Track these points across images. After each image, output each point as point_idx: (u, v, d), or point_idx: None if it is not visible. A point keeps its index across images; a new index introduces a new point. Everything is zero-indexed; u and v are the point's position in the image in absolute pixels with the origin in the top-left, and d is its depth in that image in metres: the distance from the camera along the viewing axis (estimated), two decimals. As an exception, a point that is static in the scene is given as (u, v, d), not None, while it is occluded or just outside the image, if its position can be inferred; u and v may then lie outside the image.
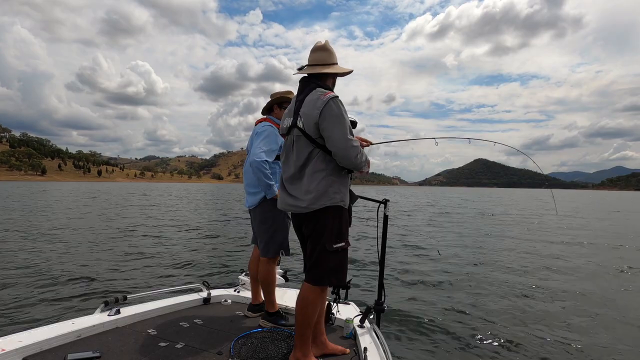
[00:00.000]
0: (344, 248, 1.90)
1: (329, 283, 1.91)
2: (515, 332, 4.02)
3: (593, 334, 4.06)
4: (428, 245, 9.85)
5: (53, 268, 6.32)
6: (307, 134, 1.86)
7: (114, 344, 2.09)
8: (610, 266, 7.53)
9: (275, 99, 2.66)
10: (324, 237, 1.86)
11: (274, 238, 2.51)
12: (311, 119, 1.83)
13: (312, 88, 1.91)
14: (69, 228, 11.83)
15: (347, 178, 1.96)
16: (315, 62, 1.97)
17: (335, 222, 1.87)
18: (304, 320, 1.89)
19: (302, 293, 1.92)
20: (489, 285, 5.90)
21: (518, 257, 8.48)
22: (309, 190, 1.85)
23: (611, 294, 5.60)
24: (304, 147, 1.89)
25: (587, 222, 17.60)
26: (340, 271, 1.90)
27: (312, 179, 1.86)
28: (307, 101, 1.88)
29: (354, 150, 1.81)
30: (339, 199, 1.87)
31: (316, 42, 2.04)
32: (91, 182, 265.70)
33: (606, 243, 10.73)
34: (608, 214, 23.89)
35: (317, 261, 1.88)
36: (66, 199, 29.82)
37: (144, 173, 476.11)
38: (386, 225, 2.53)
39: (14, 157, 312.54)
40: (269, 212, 2.52)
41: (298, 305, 1.91)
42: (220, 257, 7.77)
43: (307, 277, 1.92)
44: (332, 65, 1.99)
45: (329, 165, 1.87)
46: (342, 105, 1.84)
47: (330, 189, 1.85)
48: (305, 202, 1.86)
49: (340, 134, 1.79)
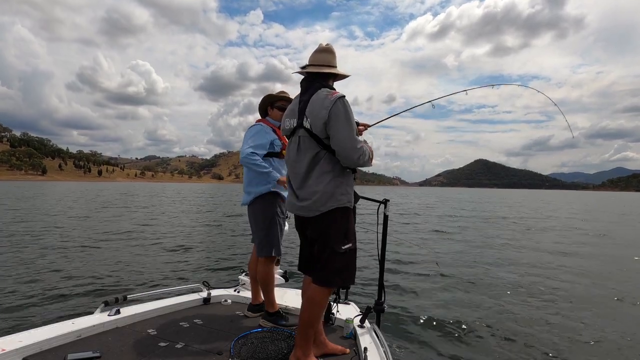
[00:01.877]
0: (351, 249, 1.89)
1: (337, 284, 1.91)
2: (516, 333, 4.02)
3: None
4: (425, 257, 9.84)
5: (53, 268, 6.32)
6: (314, 134, 1.84)
7: (114, 344, 2.09)
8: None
9: (267, 98, 2.66)
10: (333, 239, 1.84)
11: (266, 238, 2.51)
12: (319, 119, 1.81)
13: (318, 88, 1.89)
14: (68, 228, 11.83)
15: (352, 178, 1.95)
16: (320, 63, 1.96)
17: (343, 224, 1.87)
18: (309, 320, 1.88)
19: (310, 294, 1.90)
20: (490, 286, 5.90)
21: (517, 254, 8.49)
22: (316, 192, 1.83)
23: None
24: (310, 148, 1.87)
25: (608, 225, 16.71)
26: (348, 272, 1.90)
27: (319, 181, 1.84)
28: (313, 101, 1.85)
29: (359, 151, 1.80)
30: (346, 200, 1.87)
31: (319, 43, 2.03)
32: (91, 182, 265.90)
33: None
34: (620, 217, 22.57)
35: (326, 263, 1.86)
36: (66, 199, 29.83)
37: (144, 173, 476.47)
38: (386, 226, 2.53)
39: (14, 157, 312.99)
40: (259, 211, 2.53)
41: (305, 305, 1.91)
42: (220, 257, 7.77)
43: (315, 278, 1.90)
44: (336, 68, 1.99)
45: (335, 167, 1.86)
46: (349, 105, 1.83)
47: (337, 191, 1.84)
48: (312, 204, 1.84)
49: (346, 134, 1.78)
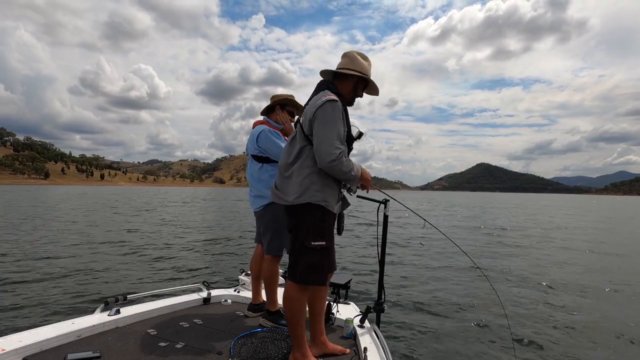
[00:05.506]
0: (323, 247, 1.87)
1: (307, 281, 1.88)
2: (516, 333, 4.00)
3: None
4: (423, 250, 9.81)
5: (53, 268, 6.34)
6: (303, 130, 1.91)
7: (114, 344, 2.08)
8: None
9: (279, 100, 2.65)
10: (303, 233, 1.86)
11: (277, 236, 2.51)
12: (307, 117, 1.88)
13: (322, 89, 1.95)
14: (69, 229, 11.87)
15: (333, 181, 1.91)
16: (338, 67, 2.02)
17: (316, 220, 1.86)
18: (292, 319, 1.90)
19: (285, 291, 1.93)
20: (491, 287, 5.87)
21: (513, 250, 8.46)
22: (294, 184, 1.88)
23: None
24: (298, 142, 1.93)
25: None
26: (318, 269, 1.88)
27: (299, 174, 1.88)
28: (311, 101, 1.94)
29: (332, 156, 1.78)
30: (320, 198, 1.85)
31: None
32: (94, 185, 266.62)
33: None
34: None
35: (297, 257, 1.89)
36: (67, 202, 29.91)
37: (146, 177, 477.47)
38: (386, 226, 2.52)
39: (17, 161, 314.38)
40: (272, 214, 2.52)
41: (284, 304, 1.93)
42: (220, 257, 7.78)
43: (289, 274, 1.93)
44: (349, 70, 1.98)
45: (317, 164, 1.87)
46: (338, 109, 1.84)
47: (313, 186, 1.85)
48: (289, 195, 1.89)
49: (324, 136, 1.79)
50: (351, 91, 2.02)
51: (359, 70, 1.97)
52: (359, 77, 1.99)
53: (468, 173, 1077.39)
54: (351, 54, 2.02)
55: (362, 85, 2.04)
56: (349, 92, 2.01)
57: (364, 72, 1.98)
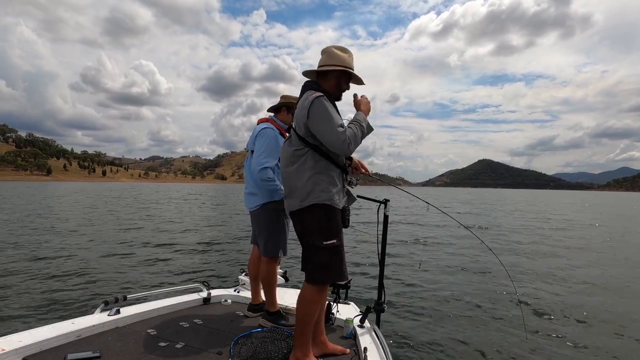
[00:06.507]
0: (334, 245, 1.88)
1: (322, 281, 1.90)
2: (517, 333, 4.00)
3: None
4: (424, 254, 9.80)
5: (53, 268, 6.36)
6: (297, 133, 1.92)
7: (113, 344, 2.09)
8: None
9: (287, 102, 2.64)
10: (313, 234, 1.88)
11: (273, 238, 2.51)
12: (300, 120, 1.90)
13: (306, 90, 1.96)
14: (69, 228, 11.90)
15: (336, 178, 1.93)
16: (318, 65, 2.01)
17: (324, 220, 1.87)
18: (303, 319, 1.90)
19: (301, 292, 1.94)
20: (492, 288, 5.87)
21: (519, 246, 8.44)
22: (297, 188, 1.89)
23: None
24: (295, 146, 1.94)
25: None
26: (332, 268, 1.88)
27: (299, 178, 1.89)
28: (299, 103, 1.96)
29: (345, 142, 1.80)
30: (326, 197, 1.87)
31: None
32: (96, 182, 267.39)
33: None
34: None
35: (309, 258, 1.90)
36: (68, 199, 30.00)
37: (148, 173, 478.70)
38: (386, 226, 2.51)
39: (20, 157, 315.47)
40: (268, 214, 2.52)
41: (297, 304, 1.93)
42: (220, 257, 7.79)
43: (305, 275, 1.94)
44: (328, 66, 1.97)
45: (317, 164, 1.89)
46: (327, 101, 1.86)
47: (317, 187, 1.86)
48: (294, 200, 1.91)
49: (327, 129, 1.81)
50: (335, 86, 2.01)
51: (338, 64, 1.97)
52: (340, 71, 1.99)
53: (470, 169, 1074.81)
54: (329, 49, 2.00)
55: (345, 78, 2.03)
56: (333, 87, 2.01)
57: (344, 65, 1.98)
